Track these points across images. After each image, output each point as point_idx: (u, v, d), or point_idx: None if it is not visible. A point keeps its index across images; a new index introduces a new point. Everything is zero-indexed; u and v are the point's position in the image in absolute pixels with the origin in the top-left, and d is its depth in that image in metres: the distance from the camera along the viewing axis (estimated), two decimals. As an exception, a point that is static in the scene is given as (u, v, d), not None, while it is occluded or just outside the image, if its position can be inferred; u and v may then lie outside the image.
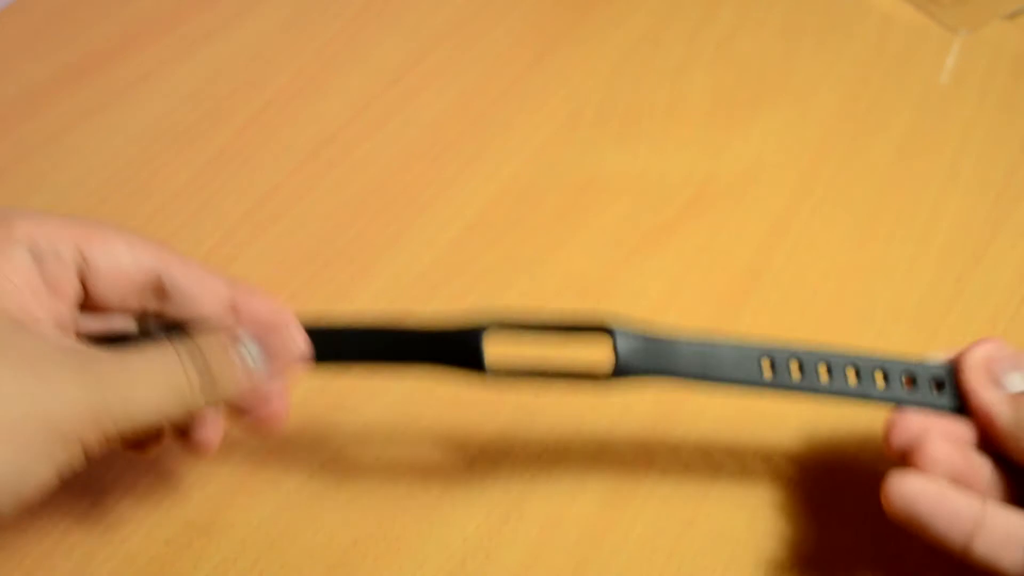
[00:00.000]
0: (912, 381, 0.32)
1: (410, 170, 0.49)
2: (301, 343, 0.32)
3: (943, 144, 0.50)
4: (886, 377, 0.32)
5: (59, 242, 0.30)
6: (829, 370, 0.32)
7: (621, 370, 0.31)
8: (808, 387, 0.32)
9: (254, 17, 0.55)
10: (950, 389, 0.32)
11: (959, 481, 0.30)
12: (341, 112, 0.51)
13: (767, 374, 0.32)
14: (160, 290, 0.31)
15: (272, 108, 0.51)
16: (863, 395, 0.32)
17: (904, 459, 0.31)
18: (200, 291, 0.32)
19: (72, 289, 0.30)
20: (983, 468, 0.31)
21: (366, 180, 0.48)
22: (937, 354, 0.33)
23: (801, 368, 0.32)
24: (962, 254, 0.45)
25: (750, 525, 0.37)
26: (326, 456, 0.39)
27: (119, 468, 0.38)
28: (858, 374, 0.32)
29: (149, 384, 0.28)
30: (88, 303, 0.31)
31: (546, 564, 0.36)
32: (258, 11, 0.56)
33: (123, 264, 0.31)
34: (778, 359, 0.32)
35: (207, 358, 0.29)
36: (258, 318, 0.32)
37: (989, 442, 0.31)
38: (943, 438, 0.31)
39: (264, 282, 0.43)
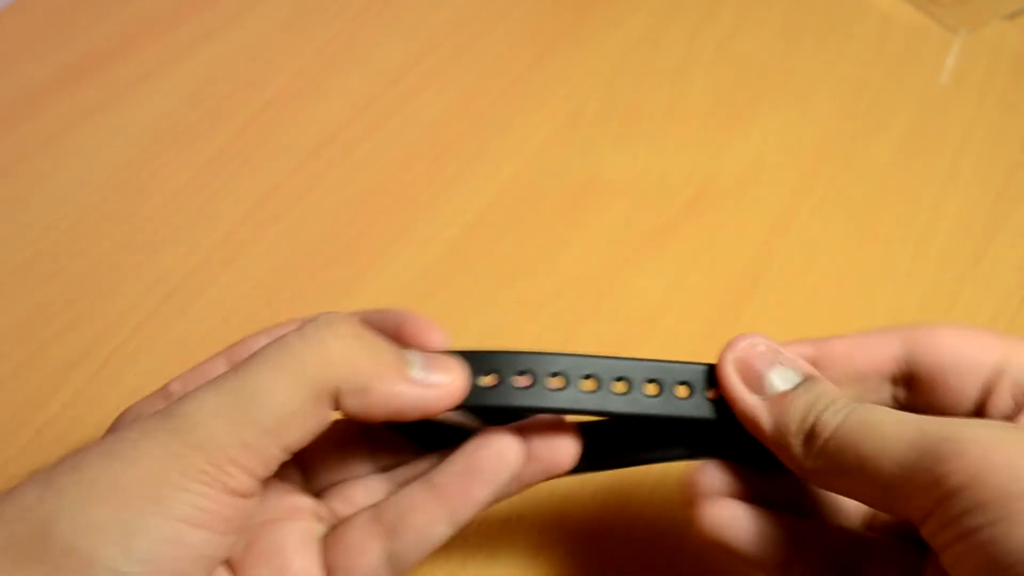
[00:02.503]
0: (689, 389, 0.29)
1: (410, 170, 0.48)
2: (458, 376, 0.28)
3: (943, 144, 0.50)
4: (659, 387, 0.28)
5: None
6: (598, 383, 0.28)
7: None
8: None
9: (254, 17, 0.55)
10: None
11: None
12: (341, 112, 0.51)
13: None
14: None
15: (272, 108, 0.51)
16: (626, 410, 0.28)
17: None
18: None
19: None
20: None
21: (366, 180, 0.48)
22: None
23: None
24: (962, 254, 0.45)
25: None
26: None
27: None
28: (630, 385, 0.28)
29: (270, 376, 0.26)
30: None
31: (546, 565, 0.36)
32: (258, 11, 0.56)
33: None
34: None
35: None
36: None
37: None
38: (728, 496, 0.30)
39: (264, 282, 0.44)
